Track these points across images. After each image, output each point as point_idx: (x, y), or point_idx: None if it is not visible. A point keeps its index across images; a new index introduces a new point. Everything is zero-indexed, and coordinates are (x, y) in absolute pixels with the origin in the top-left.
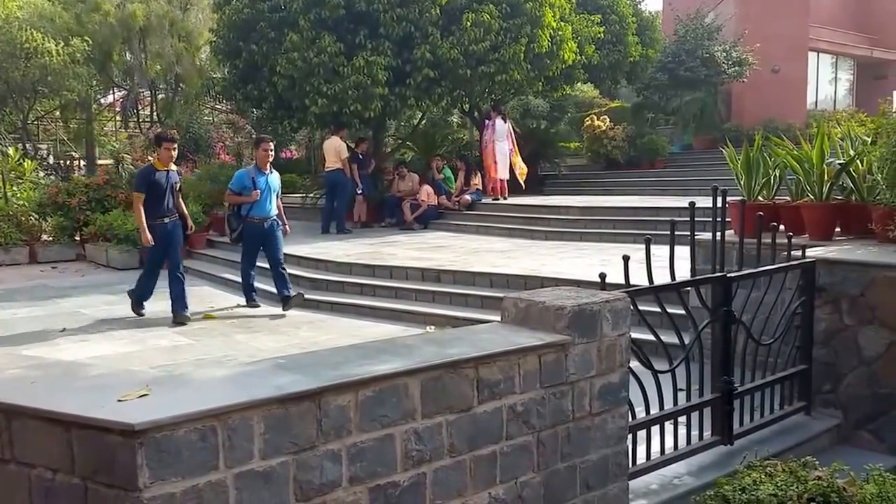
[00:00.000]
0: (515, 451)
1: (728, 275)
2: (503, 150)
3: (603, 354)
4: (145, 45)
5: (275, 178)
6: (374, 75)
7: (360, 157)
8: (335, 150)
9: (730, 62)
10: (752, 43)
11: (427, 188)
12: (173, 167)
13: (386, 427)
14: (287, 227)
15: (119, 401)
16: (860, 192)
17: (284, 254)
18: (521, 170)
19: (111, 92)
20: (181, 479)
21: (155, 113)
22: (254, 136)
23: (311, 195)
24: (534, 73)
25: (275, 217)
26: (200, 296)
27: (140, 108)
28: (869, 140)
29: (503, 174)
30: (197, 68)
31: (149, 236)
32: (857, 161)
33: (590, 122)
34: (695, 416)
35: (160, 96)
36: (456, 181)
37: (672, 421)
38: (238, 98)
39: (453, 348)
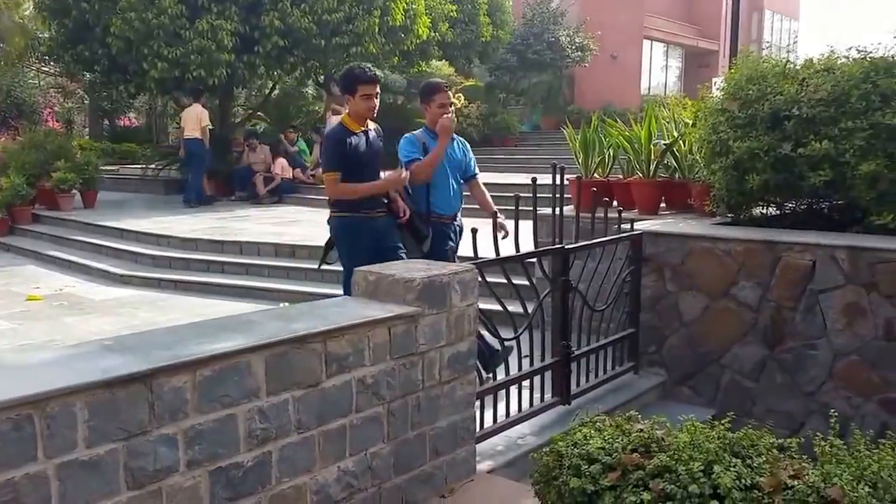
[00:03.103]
0: (365, 424)
1: (566, 247)
2: None
3: (452, 324)
4: None
5: (459, 147)
6: (219, 40)
7: None
8: (196, 118)
9: (573, 47)
10: (594, 30)
11: (281, 161)
12: None
13: (227, 407)
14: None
15: None
16: (682, 170)
17: (122, 229)
18: None
19: None
20: None
21: None
22: (87, 100)
23: (153, 166)
24: (389, 47)
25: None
26: (24, 276)
27: None
28: (691, 123)
29: None
30: (19, 26)
31: None
32: (680, 142)
33: None
34: (537, 379)
35: None
36: (312, 154)
37: (517, 385)
38: (67, 60)
39: (300, 323)
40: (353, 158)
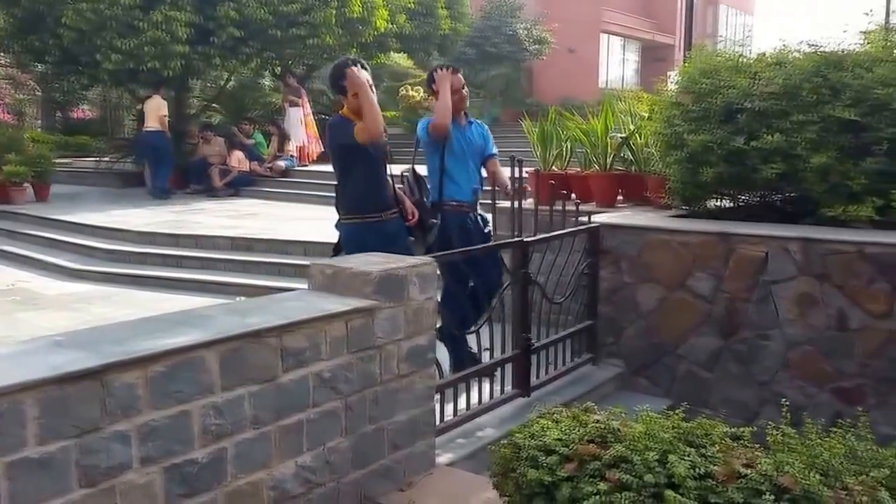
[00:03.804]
0: (323, 418)
1: (525, 240)
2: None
3: (410, 318)
4: None
5: (481, 134)
6: (173, 31)
7: None
8: (156, 110)
9: (531, 40)
10: (551, 23)
11: (238, 153)
12: None
13: (181, 403)
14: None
15: None
16: (638, 163)
17: (76, 223)
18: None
19: None
20: None
21: None
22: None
23: (108, 159)
24: (346, 39)
25: (477, 208)
26: None
27: None
28: (646, 116)
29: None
30: None
31: None
32: (636, 135)
33: (405, 91)
34: (498, 372)
35: None
36: (269, 147)
37: (478, 378)
38: (17, 50)
39: (255, 317)
40: (357, 150)
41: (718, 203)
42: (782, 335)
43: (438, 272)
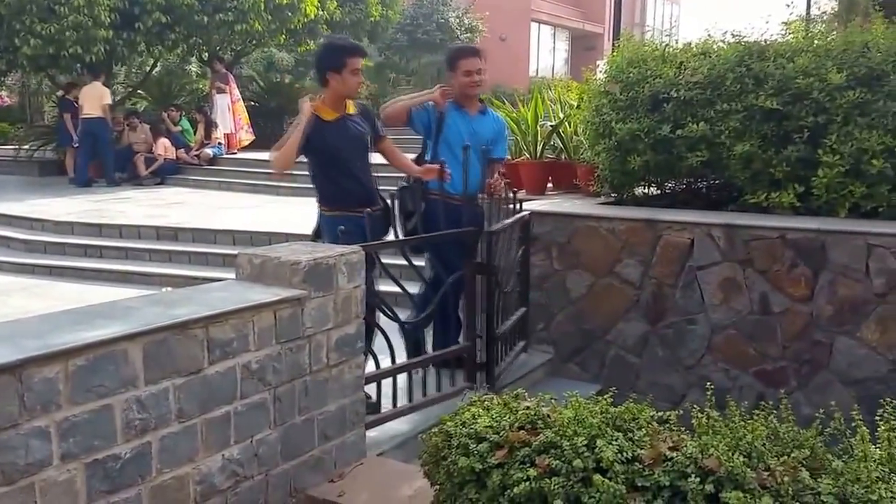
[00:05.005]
0: (251, 410)
1: (491, 230)
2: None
3: (339, 307)
4: None
5: (491, 125)
6: (96, 16)
7: (74, 104)
8: (98, 96)
9: (462, 28)
10: (482, 11)
11: (164, 141)
12: None
13: (103, 397)
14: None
15: None
16: (568, 151)
17: None
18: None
19: None
20: None
21: None
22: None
23: (27, 147)
24: (275, 25)
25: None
26: None
27: None
28: (576, 105)
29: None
30: None
31: None
32: (566, 123)
33: None
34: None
35: None
36: (196, 134)
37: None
38: None
39: (181, 308)
40: (326, 151)
41: (646, 191)
42: (707, 320)
43: (426, 264)
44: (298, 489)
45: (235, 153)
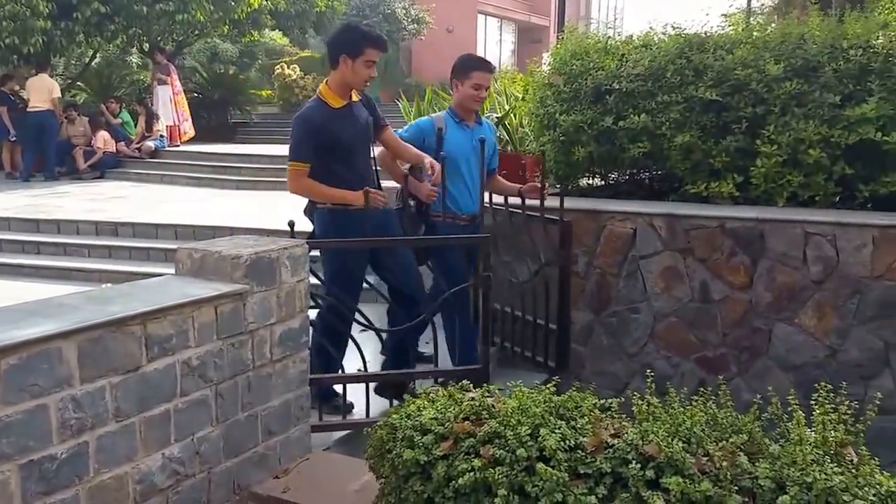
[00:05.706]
0: (192, 407)
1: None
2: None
3: (283, 301)
4: None
5: (488, 135)
6: (33, 6)
7: (11, 97)
8: (47, 89)
9: (409, 20)
10: (429, 3)
11: (103, 134)
12: None
13: (37, 397)
14: None
15: None
16: (514, 143)
17: None
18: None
19: None
20: None
21: None
22: None
23: None
24: (218, 15)
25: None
26: None
27: None
28: (521, 97)
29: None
30: None
31: None
32: (511, 115)
33: (280, 70)
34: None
35: None
36: (137, 126)
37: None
38: None
39: (118, 305)
40: (334, 143)
41: (590, 181)
42: (650, 308)
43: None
44: (242, 486)
45: (178, 146)
